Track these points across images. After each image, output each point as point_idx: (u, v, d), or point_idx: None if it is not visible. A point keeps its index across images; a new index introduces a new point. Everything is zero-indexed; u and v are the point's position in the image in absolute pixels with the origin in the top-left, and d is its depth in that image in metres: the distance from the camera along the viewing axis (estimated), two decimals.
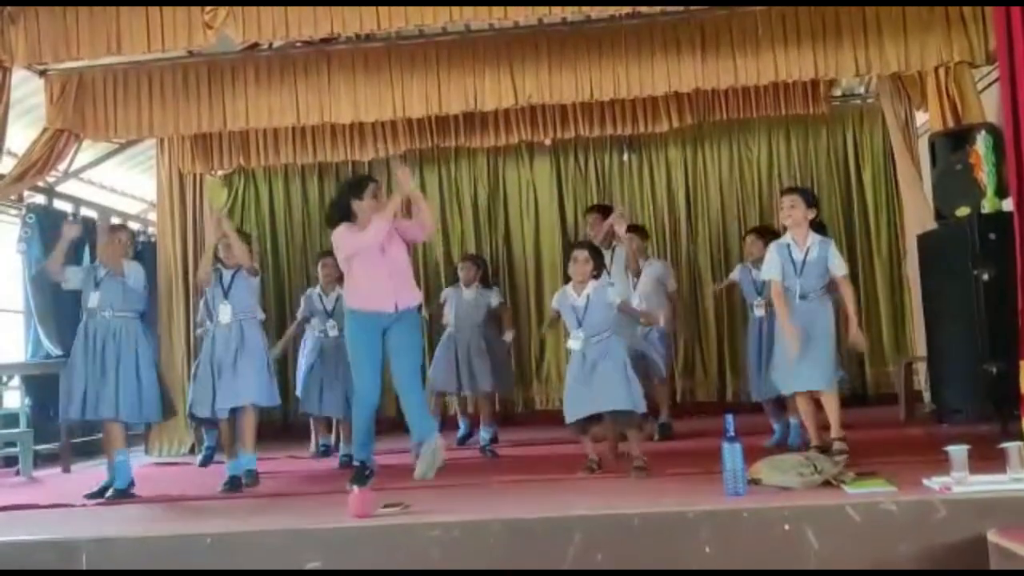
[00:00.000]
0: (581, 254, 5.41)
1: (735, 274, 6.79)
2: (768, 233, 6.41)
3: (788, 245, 5.43)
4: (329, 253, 7.26)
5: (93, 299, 5.63)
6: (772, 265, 5.46)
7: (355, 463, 5.37)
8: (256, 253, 6.33)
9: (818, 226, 5.58)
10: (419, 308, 5.54)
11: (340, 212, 5.42)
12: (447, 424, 7.41)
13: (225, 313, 5.76)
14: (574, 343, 5.35)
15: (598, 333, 5.31)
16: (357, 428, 5.43)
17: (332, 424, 7.41)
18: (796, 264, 5.35)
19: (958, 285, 5.91)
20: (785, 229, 5.63)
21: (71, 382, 5.60)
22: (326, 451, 7.30)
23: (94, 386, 5.51)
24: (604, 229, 6.46)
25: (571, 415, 5.35)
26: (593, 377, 5.25)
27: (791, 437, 6.06)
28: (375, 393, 5.34)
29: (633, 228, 6.87)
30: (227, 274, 5.87)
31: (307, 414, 7.28)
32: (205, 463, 7.10)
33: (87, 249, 7.72)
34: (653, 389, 6.73)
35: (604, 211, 6.93)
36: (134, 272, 5.74)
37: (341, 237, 5.35)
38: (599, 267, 5.45)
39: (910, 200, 7.36)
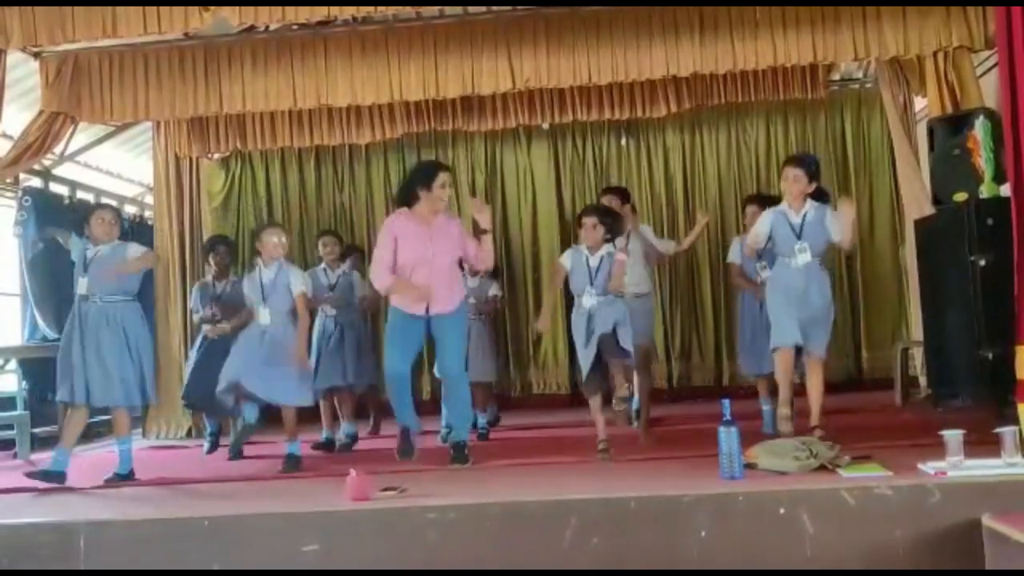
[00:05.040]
0: (589, 220, 5.51)
1: (734, 251, 6.54)
2: (769, 201, 6.15)
3: (784, 212, 5.41)
4: (327, 232, 7.31)
5: (82, 285, 5.47)
6: (762, 226, 5.47)
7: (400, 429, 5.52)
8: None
9: (819, 194, 5.50)
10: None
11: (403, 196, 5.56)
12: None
13: (264, 315, 5.78)
14: (587, 300, 5.41)
15: (606, 294, 5.41)
16: (392, 401, 5.56)
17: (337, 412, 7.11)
18: (795, 227, 5.34)
19: (955, 270, 5.90)
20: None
21: (66, 365, 5.45)
22: (329, 444, 6.78)
23: (92, 373, 5.36)
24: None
25: (584, 369, 5.41)
26: (595, 336, 5.34)
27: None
28: (401, 368, 5.40)
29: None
30: (268, 272, 5.82)
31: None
32: (212, 450, 6.86)
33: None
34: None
35: (622, 194, 6.72)
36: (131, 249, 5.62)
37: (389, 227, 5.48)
38: (612, 231, 5.53)
39: (908, 185, 7.34)
